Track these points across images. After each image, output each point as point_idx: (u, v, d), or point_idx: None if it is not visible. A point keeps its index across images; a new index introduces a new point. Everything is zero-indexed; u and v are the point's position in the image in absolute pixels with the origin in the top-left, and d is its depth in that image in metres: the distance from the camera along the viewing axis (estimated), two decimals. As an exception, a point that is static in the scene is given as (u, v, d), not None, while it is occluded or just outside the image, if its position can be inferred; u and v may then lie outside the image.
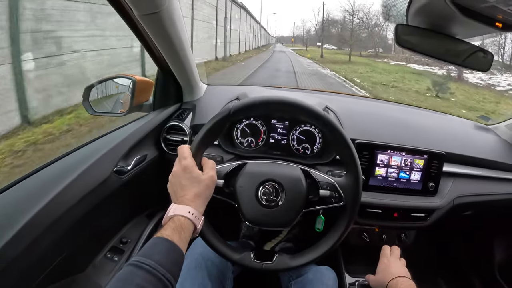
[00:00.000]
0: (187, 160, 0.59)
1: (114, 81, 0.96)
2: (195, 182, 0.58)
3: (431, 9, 0.68)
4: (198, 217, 0.55)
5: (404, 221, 0.91)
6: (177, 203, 0.55)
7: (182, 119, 0.95)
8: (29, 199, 0.59)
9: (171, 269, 0.46)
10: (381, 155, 0.89)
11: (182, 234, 0.51)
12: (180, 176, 0.58)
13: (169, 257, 0.47)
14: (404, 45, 0.77)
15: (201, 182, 0.58)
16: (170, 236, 0.49)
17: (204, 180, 0.59)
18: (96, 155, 0.74)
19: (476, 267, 1.26)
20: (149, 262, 0.44)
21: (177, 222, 0.52)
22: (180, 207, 0.54)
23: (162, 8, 0.64)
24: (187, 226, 0.53)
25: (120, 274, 0.44)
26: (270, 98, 0.66)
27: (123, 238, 0.88)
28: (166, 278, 0.45)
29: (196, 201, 0.56)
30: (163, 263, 0.45)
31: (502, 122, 1.16)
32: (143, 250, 0.48)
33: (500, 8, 0.56)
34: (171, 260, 0.47)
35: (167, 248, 0.48)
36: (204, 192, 0.58)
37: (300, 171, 0.70)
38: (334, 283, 0.79)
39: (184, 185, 0.57)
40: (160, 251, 0.47)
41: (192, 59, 0.89)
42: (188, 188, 0.57)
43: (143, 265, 0.44)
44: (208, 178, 0.59)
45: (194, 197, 0.56)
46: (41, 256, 0.60)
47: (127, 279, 0.43)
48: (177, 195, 0.57)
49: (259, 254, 0.68)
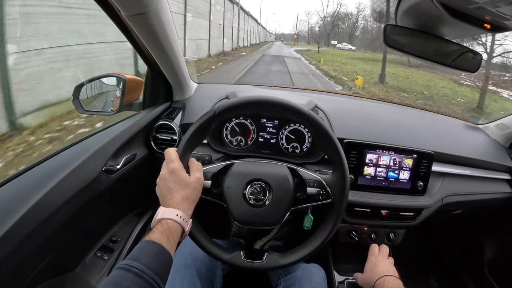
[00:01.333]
0: (174, 163, 0.59)
1: (104, 80, 0.96)
2: (182, 185, 0.58)
3: (419, 10, 0.68)
4: (186, 220, 0.56)
5: (393, 220, 0.92)
6: (166, 206, 0.56)
7: (171, 118, 0.95)
8: (18, 199, 0.60)
9: (160, 272, 0.47)
10: (370, 155, 0.90)
11: (170, 237, 0.52)
12: (168, 180, 0.58)
13: (158, 260, 0.48)
14: (393, 46, 0.77)
15: (188, 185, 0.59)
16: (159, 239, 0.50)
17: (191, 182, 0.59)
18: (85, 154, 0.74)
19: (466, 265, 1.27)
20: (138, 265, 0.45)
21: (165, 225, 0.53)
22: (168, 210, 0.55)
23: (149, 8, 0.64)
24: (175, 229, 0.54)
25: (110, 277, 0.44)
26: (254, 98, 0.66)
27: (113, 237, 0.88)
28: (154, 281, 0.45)
29: (184, 204, 0.57)
30: (151, 266, 0.46)
31: (492, 122, 1.17)
32: (132, 253, 0.48)
33: (488, 9, 0.56)
34: (160, 263, 0.48)
35: (156, 251, 0.49)
36: (191, 195, 0.59)
37: (287, 169, 0.70)
38: (323, 280, 0.80)
39: (171, 188, 0.58)
40: (149, 254, 0.48)
41: (181, 58, 0.89)
42: (176, 191, 0.58)
43: (132, 268, 0.45)
44: (195, 180, 0.60)
45: (182, 200, 0.57)
46: (31, 255, 0.60)
47: (117, 283, 0.43)
48: (165, 198, 0.58)
49: (250, 253, 0.69)
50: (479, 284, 1.19)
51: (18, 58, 3.17)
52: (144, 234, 0.93)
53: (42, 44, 3.45)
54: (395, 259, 0.84)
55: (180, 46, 0.87)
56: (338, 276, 0.94)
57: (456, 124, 1.22)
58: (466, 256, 1.28)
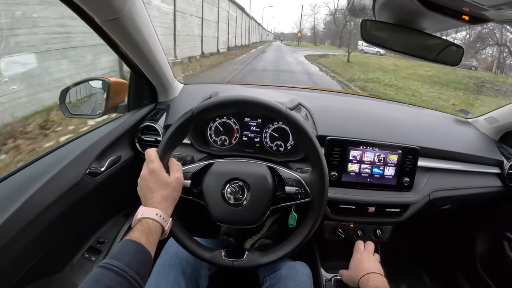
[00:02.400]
0: (154, 163, 0.60)
1: (89, 84, 0.97)
2: (162, 185, 0.59)
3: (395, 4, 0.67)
4: (165, 219, 0.57)
5: (379, 216, 0.92)
6: (146, 205, 0.57)
7: (156, 119, 0.96)
8: (1, 203, 0.61)
9: (139, 270, 0.48)
10: (354, 151, 0.89)
11: (150, 236, 0.53)
12: (148, 179, 0.60)
13: (137, 258, 0.49)
14: (372, 41, 0.76)
15: (168, 185, 0.60)
16: (138, 238, 0.51)
17: (170, 182, 0.60)
18: (68, 158, 0.75)
19: (457, 259, 1.27)
20: (118, 264, 0.46)
21: (145, 225, 0.54)
22: (148, 209, 0.56)
23: (122, 13, 0.64)
24: (155, 228, 0.55)
25: (91, 275, 0.45)
26: (232, 97, 0.67)
27: (100, 238, 0.89)
28: (134, 279, 0.46)
29: (164, 203, 0.58)
30: (131, 264, 0.47)
31: (481, 116, 1.15)
32: (113, 252, 0.50)
33: (465, 0, 0.55)
34: (139, 262, 0.49)
35: (135, 250, 0.50)
36: (171, 194, 0.60)
37: (266, 168, 0.70)
38: (308, 278, 0.80)
39: (151, 188, 0.59)
40: (128, 253, 0.49)
41: (164, 59, 0.89)
42: (156, 190, 0.59)
43: (112, 267, 0.46)
44: (175, 180, 0.61)
45: (162, 200, 0.58)
46: (16, 256, 0.61)
47: (97, 280, 0.45)
48: (146, 198, 0.59)
49: (230, 252, 0.69)
50: (471, 278, 1.19)
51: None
52: (131, 235, 0.94)
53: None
54: (383, 256, 0.84)
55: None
56: (325, 274, 0.94)
57: (445, 119, 1.20)
58: (457, 251, 1.28)
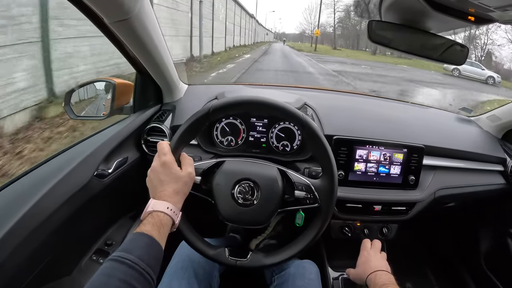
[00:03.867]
0: (167, 156, 0.60)
1: (94, 85, 0.97)
2: (173, 178, 0.59)
3: (402, 5, 0.68)
4: (176, 213, 0.57)
5: (385, 215, 0.93)
6: (156, 198, 0.57)
7: (162, 120, 0.96)
8: (10, 207, 0.61)
9: (151, 263, 0.48)
10: (360, 150, 0.90)
11: (161, 229, 0.53)
12: (159, 172, 0.59)
13: (149, 252, 0.49)
14: (378, 41, 0.77)
15: (179, 179, 0.59)
16: (150, 232, 0.51)
17: (182, 176, 0.60)
18: (76, 160, 0.74)
19: (462, 256, 1.28)
20: (130, 257, 0.46)
21: (156, 218, 0.54)
22: (159, 202, 0.56)
23: (132, 14, 0.64)
24: (166, 222, 0.54)
25: (102, 268, 0.45)
26: (250, 98, 0.67)
27: (108, 240, 0.89)
28: (146, 272, 0.46)
29: (175, 197, 0.58)
30: (143, 258, 0.47)
31: (484, 114, 1.17)
32: (124, 245, 0.49)
33: (471, 1, 0.56)
34: (151, 255, 0.49)
35: (147, 243, 0.50)
36: (182, 189, 0.60)
37: (276, 170, 0.71)
38: (316, 277, 0.80)
39: (163, 180, 0.58)
40: (141, 246, 0.48)
41: (169, 61, 0.89)
42: (167, 184, 0.58)
43: (125, 260, 0.45)
44: (187, 174, 0.61)
45: (173, 193, 0.58)
46: (26, 260, 0.61)
47: (110, 274, 0.44)
48: (156, 191, 0.58)
49: (234, 251, 0.70)
50: (476, 275, 1.20)
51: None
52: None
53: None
54: (389, 254, 0.84)
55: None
56: (333, 272, 0.94)
57: (448, 117, 1.21)
58: (462, 248, 1.29)
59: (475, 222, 1.23)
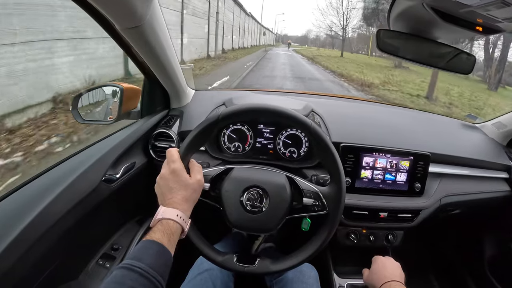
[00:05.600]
0: (176, 163, 0.60)
1: (102, 89, 0.97)
2: (183, 186, 0.59)
3: (411, 15, 0.69)
4: (185, 220, 0.57)
5: (391, 222, 0.93)
6: (165, 205, 0.57)
7: (169, 126, 0.96)
8: (20, 211, 0.61)
9: (161, 271, 0.48)
10: (367, 158, 0.90)
11: (171, 237, 0.53)
12: (168, 179, 0.59)
13: (159, 260, 0.49)
14: (386, 50, 0.78)
15: (188, 186, 0.60)
16: (160, 239, 0.51)
17: (192, 184, 0.60)
18: (84, 165, 0.75)
19: (467, 263, 1.28)
20: (141, 265, 0.46)
21: (166, 225, 0.54)
22: (168, 210, 0.56)
23: (143, 21, 0.65)
24: (176, 229, 0.55)
25: (113, 277, 0.45)
26: (259, 106, 0.68)
27: (115, 245, 0.89)
28: (157, 280, 0.46)
29: (184, 205, 0.58)
30: (153, 265, 0.47)
31: (489, 121, 1.17)
32: (134, 252, 0.49)
33: (480, 12, 0.56)
34: (161, 263, 0.49)
35: (157, 251, 0.50)
36: (191, 196, 0.60)
37: (285, 178, 0.71)
38: (315, 281, 0.80)
39: (172, 188, 0.59)
40: (151, 254, 0.49)
41: (177, 67, 0.90)
42: (176, 191, 0.58)
43: (135, 268, 0.46)
44: (196, 182, 0.61)
45: (182, 201, 0.58)
46: (34, 265, 0.61)
47: (121, 282, 0.44)
48: (165, 198, 0.58)
49: (242, 257, 0.70)
50: (480, 283, 1.20)
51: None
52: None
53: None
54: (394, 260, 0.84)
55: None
56: (338, 279, 0.94)
57: (453, 124, 1.22)
58: (466, 255, 1.29)
59: (480, 229, 1.23)
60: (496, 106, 8.70)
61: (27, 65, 3.18)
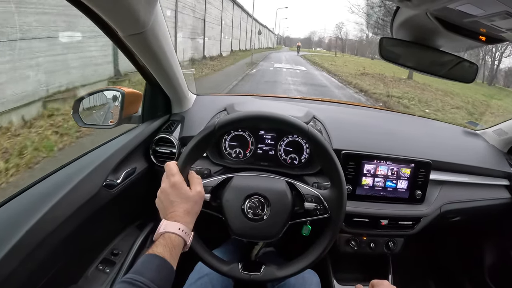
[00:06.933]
0: (175, 177, 0.60)
1: (103, 94, 0.97)
2: (184, 199, 0.59)
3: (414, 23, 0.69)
4: (188, 233, 0.57)
5: (391, 229, 0.93)
6: (167, 219, 0.57)
7: (170, 131, 0.96)
8: (20, 217, 0.61)
9: (162, 285, 0.48)
10: (368, 165, 0.90)
11: (173, 251, 0.53)
12: (169, 193, 0.59)
13: (161, 274, 0.49)
14: (388, 58, 0.78)
15: (189, 199, 0.60)
16: (162, 253, 0.51)
17: (192, 196, 0.60)
18: (85, 170, 0.75)
19: (467, 271, 1.28)
20: (142, 279, 0.46)
21: (168, 239, 0.54)
22: (170, 223, 0.56)
23: (146, 28, 0.65)
24: (178, 243, 0.55)
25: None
26: (256, 113, 0.67)
27: (114, 250, 0.89)
28: None
29: (186, 218, 0.58)
30: (155, 280, 0.47)
31: (490, 128, 1.17)
32: (136, 267, 0.50)
33: (483, 23, 0.56)
34: (163, 277, 0.49)
35: (159, 265, 0.50)
36: (193, 208, 0.60)
37: (285, 184, 0.71)
38: (317, 287, 0.80)
39: (173, 201, 0.59)
40: (152, 268, 0.49)
41: (179, 72, 0.90)
42: (178, 204, 0.58)
43: (137, 282, 0.46)
44: (196, 194, 0.61)
45: (184, 214, 0.58)
46: (34, 270, 0.61)
47: None
48: (167, 211, 0.58)
49: (247, 265, 0.70)
50: None
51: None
52: (145, 246, 0.94)
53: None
54: (394, 268, 0.84)
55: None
56: (338, 285, 0.94)
57: (454, 131, 1.22)
58: (467, 262, 1.29)
59: (480, 236, 1.23)
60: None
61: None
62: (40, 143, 2.87)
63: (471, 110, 8.83)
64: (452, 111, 8.20)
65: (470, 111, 8.69)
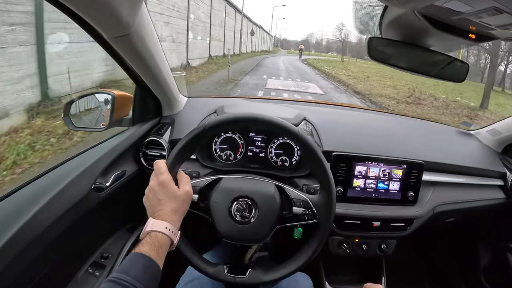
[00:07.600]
0: (164, 175, 0.60)
1: (94, 96, 0.97)
2: (171, 197, 0.59)
3: (403, 23, 0.68)
4: (174, 232, 0.57)
5: (384, 231, 0.92)
6: (154, 217, 0.57)
7: (160, 134, 0.95)
8: (8, 219, 0.60)
9: (148, 284, 0.48)
10: (359, 167, 0.89)
11: (159, 250, 0.53)
12: (157, 191, 0.59)
13: (147, 273, 0.49)
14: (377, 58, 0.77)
15: (177, 198, 0.59)
16: (148, 252, 0.51)
17: (180, 195, 0.60)
18: (73, 174, 0.74)
19: (462, 272, 1.27)
20: (127, 278, 0.46)
21: (155, 238, 0.54)
22: (157, 222, 0.55)
23: (131, 30, 0.64)
24: (164, 242, 0.54)
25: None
26: (246, 115, 0.67)
27: (104, 253, 0.88)
28: None
29: (173, 217, 0.58)
30: (140, 279, 0.47)
31: (484, 128, 1.16)
32: (122, 266, 0.49)
33: (472, 20, 0.55)
34: (149, 276, 0.49)
35: (145, 264, 0.50)
36: (180, 207, 0.60)
37: (274, 187, 0.70)
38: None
39: (160, 200, 0.58)
40: (138, 268, 0.49)
41: (168, 74, 0.89)
42: (165, 203, 0.58)
43: (122, 281, 0.46)
44: (184, 193, 0.61)
45: (171, 213, 0.58)
46: (21, 274, 0.61)
47: None
48: (154, 210, 0.58)
49: (233, 268, 0.69)
50: None
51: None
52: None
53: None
54: (388, 270, 0.83)
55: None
56: None
57: (448, 131, 1.21)
58: (462, 263, 1.28)
59: (474, 237, 1.22)
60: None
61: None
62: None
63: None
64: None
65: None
